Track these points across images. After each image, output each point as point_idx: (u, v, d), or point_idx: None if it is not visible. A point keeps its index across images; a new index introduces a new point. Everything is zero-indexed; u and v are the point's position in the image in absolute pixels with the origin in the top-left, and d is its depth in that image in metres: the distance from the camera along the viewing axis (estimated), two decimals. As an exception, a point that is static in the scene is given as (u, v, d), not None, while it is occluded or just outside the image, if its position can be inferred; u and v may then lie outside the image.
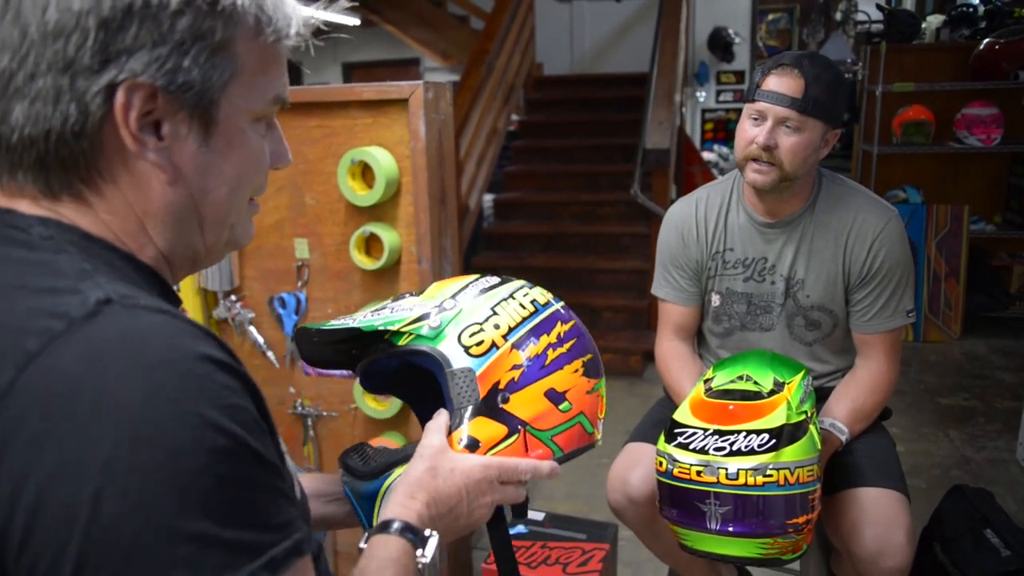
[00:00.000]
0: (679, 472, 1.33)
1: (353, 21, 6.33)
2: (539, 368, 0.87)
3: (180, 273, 0.68)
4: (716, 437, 1.33)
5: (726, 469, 1.29)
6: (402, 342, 0.87)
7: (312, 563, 0.57)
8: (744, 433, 1.32)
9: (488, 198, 5.67)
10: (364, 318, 0.89)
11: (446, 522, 0.79)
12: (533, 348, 0.88)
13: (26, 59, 0.56)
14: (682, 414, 1.41)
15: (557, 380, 0.88)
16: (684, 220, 1.71)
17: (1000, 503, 1.97)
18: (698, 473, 1.31)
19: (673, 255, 1.73)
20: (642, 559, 2.40)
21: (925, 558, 1.84)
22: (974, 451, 3.16)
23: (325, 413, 1.93)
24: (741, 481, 1.28)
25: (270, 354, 1.92)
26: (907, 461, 3.03)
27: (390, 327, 0.87)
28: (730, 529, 1.30)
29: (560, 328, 0.91)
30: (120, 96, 0.56)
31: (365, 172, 1.75)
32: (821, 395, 1.64)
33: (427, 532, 0.76)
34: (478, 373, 0.85)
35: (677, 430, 1.38)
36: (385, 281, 1.81)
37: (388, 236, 1.73)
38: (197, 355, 0.52)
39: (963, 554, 1.72)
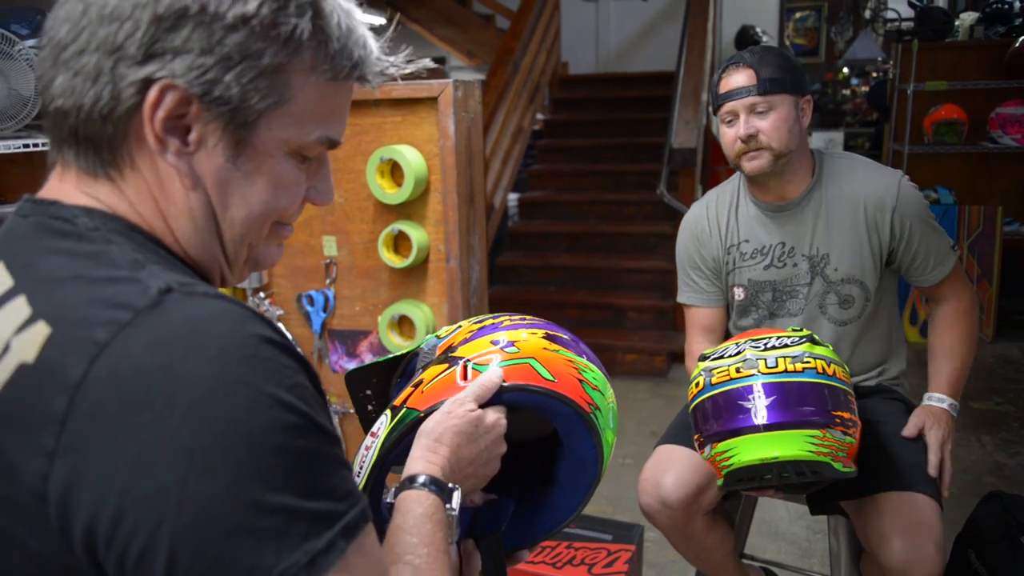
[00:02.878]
0: (718, 378, 1.34)
1: (379, 20, 6.36)
2: (492, 329, 0.91)
3: (214, 283, 0.68)
4: (750, 342, 1.37)
5: (765, 360, 1.31)
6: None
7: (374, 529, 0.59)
8: (775, 336, 1.37)
9: (513, 197, 5.67)
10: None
11: (467, 475, 0.83)
12: (491, 321, 0.93)
13: (80, 34, 0.58)
14: (709, 349, 1.46)
15: (507, 334, 0.89)
16: (697, 222, 1.76)
17: (1036, 510, 1.93)
18: (737, 370, 1.33)
19: (691, 257, 1.77)
20: (667, 560, 2.39)
21: (960, 565, 1.80)
22: (1007, 456, 3.10)
23: (352, 410, 1.93)
24: (781, 368, 1.30)
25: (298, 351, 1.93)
26: (938, 466, 2.99)
27: (410, 349, 0.97)
28: (777, 420, 1.27)
29: (529, 319, 0.94)
30: (153, 93, 0.57)
31: (394, 170, 1.75)
32: (862, 393, 1.64)
33: (451, 485, 0.78)
34: (440, 344, 0.92)
35: (708, 354, 1.43)
36: (413, 279, 1.82)
37: (417, 234, 1.73)
38: (259, 338, 0.54)
39: (999, 561, 1.68)
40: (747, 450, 1.30)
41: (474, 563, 0.87)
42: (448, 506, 0.76)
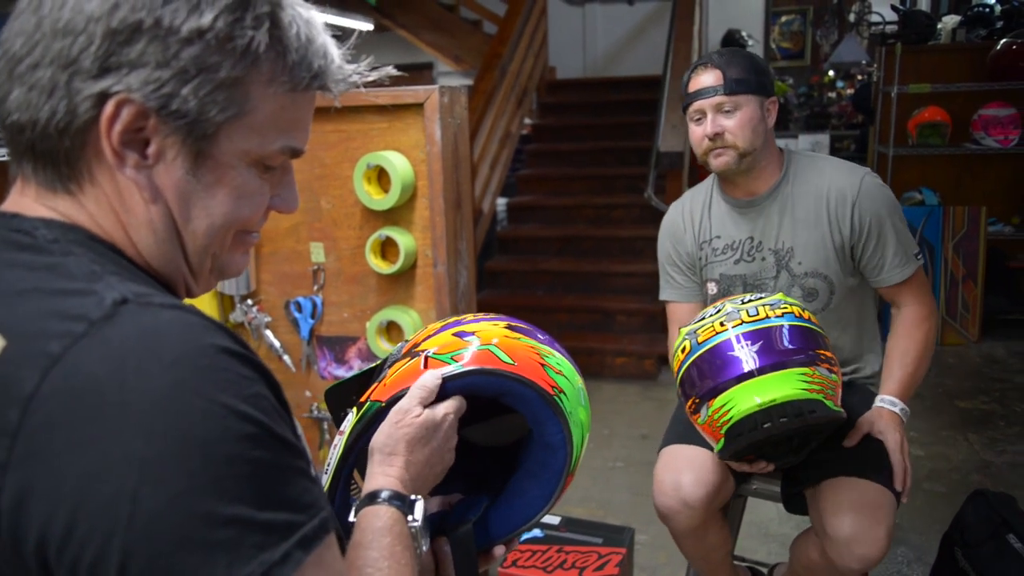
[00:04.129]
0: (703, 336, 1.40)
1: (367, 26, 6.36)
2: (455, 324, 0.92)
3: (179, 294, 0.67)
4: (727, 301, 1.46)
5: (746, 310, 1.38)
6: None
7: (336, 540, 0.59)
8: (750, 295, 1.47)
9: (501, 202, 5.67)
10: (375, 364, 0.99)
11: (426, 477, 0.83)
12: (456, 319, 0.94)
13: (34, 48, 0.57)
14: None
15: (469, 327, 0.91)
16: (673, 221, 1.84)
17: (1023, 508, 1.95)
18: (721, 324, 1.39)
19: (668, 255, 1.84)
20: (658, 563, 2.39)
21: (947, 564, 1.82)
22: (994, 455, 3.13)
23: (341, 417, 1.93)
24: (762, 315, 1.38)
25: (286, 358, 1.92)
26: (926, 465, 3.01)
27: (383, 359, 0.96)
28: (768, 362, 1.32)
29: (492, 316, 0.95)
30: (109, 107, 0.57)
31: (381, 176, 1.75)
32: None
33: (413, 497, 0.78)
34: (405, 346, 0.93)
35: (689, 328, 1.47)
36: (401, 285, 1.82)
37: (404, 240, 1.74)
38: (215, 348, 0.53)
39: (985, 560, 1.70)
40: (744, 398, 1.33)
41: (449, 561, 0.87)
42: (411, 517, 0.76)
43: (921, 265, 1.65)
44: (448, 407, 0.83)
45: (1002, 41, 4.39)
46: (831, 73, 8.89)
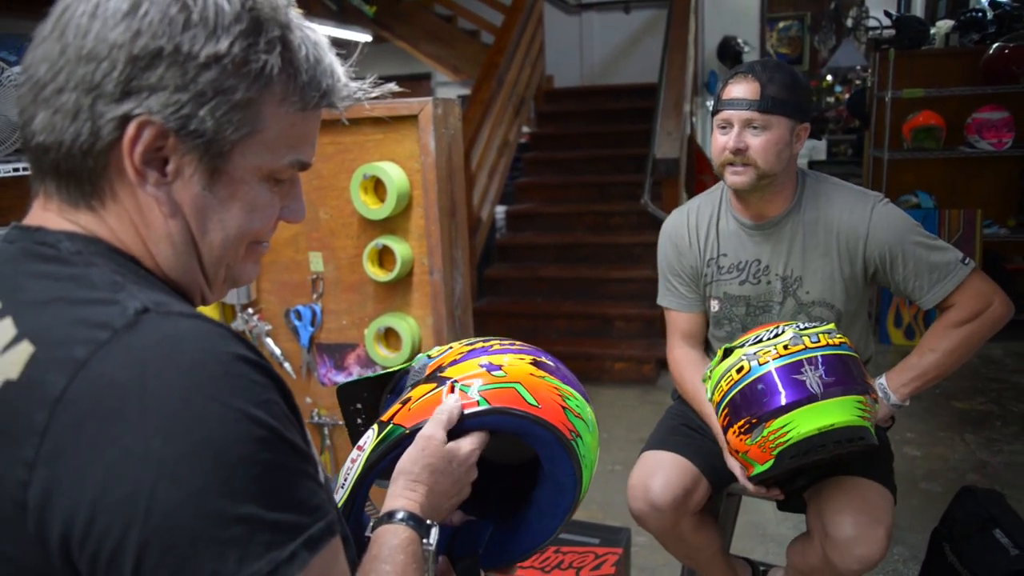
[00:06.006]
0: (764, 358, 1.40)
1: (365, 38, 6.41)
2: (481, 352, 0.93)
3: (195, 302, 0.71)
4: (780, 326, 1.44)
5: (807, 336, 1.39)
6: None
7: (341, 544, 0.62)
8: (799, 322, 1.47)
9: (500, 210, 5.71)
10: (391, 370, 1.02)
11: (442, 507, 0.86)
12: (482, 344, 0.96)
13: (59, 74, 0.60)
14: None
15: (496, 359, 0.92)
16: (677, 230, 1.78)
17: (1018, 507, 1.97)
18: (785, 347, 1.39)
19: (670, 264, 1.79)
20: (657, 564, 2.42)
21: (935, 558, 1.85)
22: (990, 455, 3.15)
23: (341, 422, 1.96)
24: (824, 342, 1.39)
25: (287, 365, 1.96)
26: (923, 465, 3.04)
27: (401, 367, 0.99)
28: (832, 389, 1.34)
29: (518, 345, 0.97)
30: (131, 129, 0.60)
31: (377, 187, 1.79)
32: None
33: (429, 522, 0.81)
34: (430, 364, 0.95)
35: (736, 344, 1.47)
36: (398, 293, 1.85)
37: (400, 248, 1.78)
38: (231, 355, 0.57)
39: (972, 554, 1.72)
40: (806, 421, 1.35)
41: None
42: (425, 541, 0.79)
43: (971, 269, 1.56)
44: (475, 443, 0.86)
45: (994, 45, 4.42)
46: (829, 78, 8.95)
